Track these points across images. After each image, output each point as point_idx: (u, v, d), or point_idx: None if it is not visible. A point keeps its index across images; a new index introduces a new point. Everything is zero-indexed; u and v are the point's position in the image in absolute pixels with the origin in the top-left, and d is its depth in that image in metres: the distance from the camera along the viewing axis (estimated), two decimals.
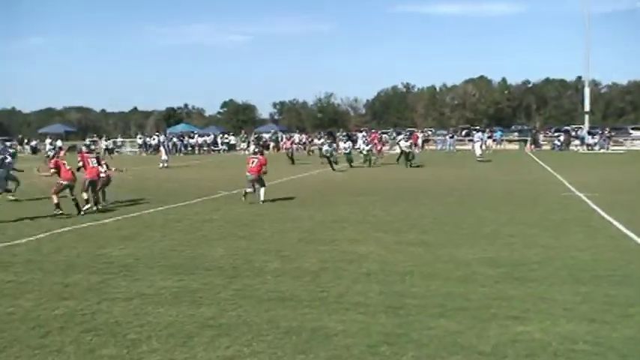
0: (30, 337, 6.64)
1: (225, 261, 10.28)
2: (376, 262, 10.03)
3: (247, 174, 18.56)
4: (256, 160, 18.61)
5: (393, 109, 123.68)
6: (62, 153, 18.74)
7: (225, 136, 70.05)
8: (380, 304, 7.76)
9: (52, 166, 16.71)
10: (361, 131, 65.07)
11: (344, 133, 60.26)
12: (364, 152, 36.02)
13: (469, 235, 12.56)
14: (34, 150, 69.68)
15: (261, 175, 18.54)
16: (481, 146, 41.79)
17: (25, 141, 75.55)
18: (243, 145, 62.19)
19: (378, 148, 39.84)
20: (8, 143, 49.99)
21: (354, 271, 9.51)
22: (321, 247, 11.40)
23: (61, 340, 6.56)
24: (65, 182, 16.27)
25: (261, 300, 7.97)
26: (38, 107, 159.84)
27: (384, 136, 58.99)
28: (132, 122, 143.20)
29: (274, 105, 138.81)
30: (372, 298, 8.03)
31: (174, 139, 64.57)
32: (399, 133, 54.76)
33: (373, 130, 68.80)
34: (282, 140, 62.99)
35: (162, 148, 41.86)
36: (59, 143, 53.71)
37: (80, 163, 17.68)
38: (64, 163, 16.53)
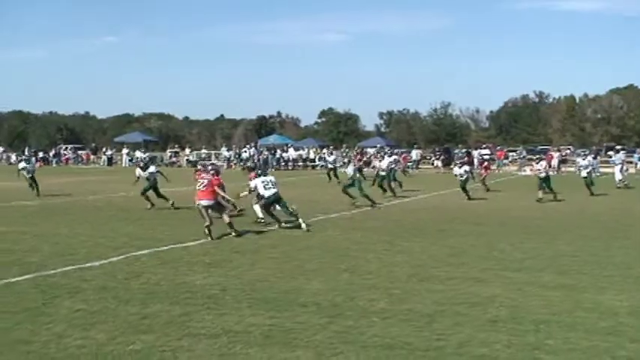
0: None
1: (324, 297, 10.27)
2: (504, 307, 9.78)
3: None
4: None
5: (522, 123, 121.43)
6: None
7: (324, 150, 70.14)
8: (509, 358, 7.55)
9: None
10: (483, 148, 64.35)
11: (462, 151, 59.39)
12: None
13: (616, 277, 12.09)
14: (110, 161, 72.07)
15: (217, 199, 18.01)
16: (621, 170, 40.29)
17: (104, 150, 78.04)
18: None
19: (483, 170, 38.52)
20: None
21: (477, 316, 9.30)
22: (436, 285, 11.23)
23: None
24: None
25: (366, 346, 7.90)
26: (114, 113, 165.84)
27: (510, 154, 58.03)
28: (218, 132, 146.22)
29: (380, 115, 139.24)
30: (498, 350, 7.81)
31: (265, 152, 65.36)
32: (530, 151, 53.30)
33: (499, 148, 67.87)
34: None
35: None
36: (139, 154, 55.39)
37: None
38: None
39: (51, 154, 79.15)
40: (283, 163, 64.45)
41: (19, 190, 29.06)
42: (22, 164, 29.94)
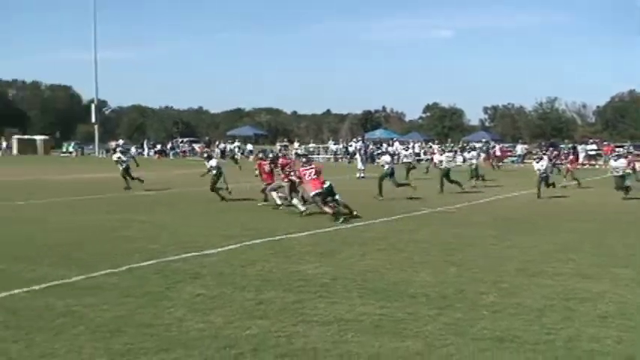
0: (221, 358, 6.95)
1: (433, 289, 10.20)
2: (613, 304, 9.50)
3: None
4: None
5: (629, 118, 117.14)
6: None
7: (429, 144, 69.65)
8: (618, 353, 7.34)
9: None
10: (589, 143, 62.54)
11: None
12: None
13: None
14: (223, 153, 73.49)
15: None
16: None
17: (217, 143, 79.83)
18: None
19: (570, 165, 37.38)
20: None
21: (587, 312, 9.06)
22: (545, 280, 10.99)
23: None
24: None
25: (476, 338, 7.81)
26: (226, 108, 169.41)
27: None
28: (325, 126, 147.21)
29: (485, 110, 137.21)
30: (609, 345, 7.60)
31: (371, 146, 65.34)
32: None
33: (606, 143, 65.84)
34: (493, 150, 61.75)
35: (358, 156, 42.61)
36: (250, 147, 56.36)
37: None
38: None
39: (168, 146, 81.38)
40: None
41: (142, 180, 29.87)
42: (118, 155, 29.18)
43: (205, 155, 26.67)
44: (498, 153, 60.95)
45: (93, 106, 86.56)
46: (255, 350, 7.19)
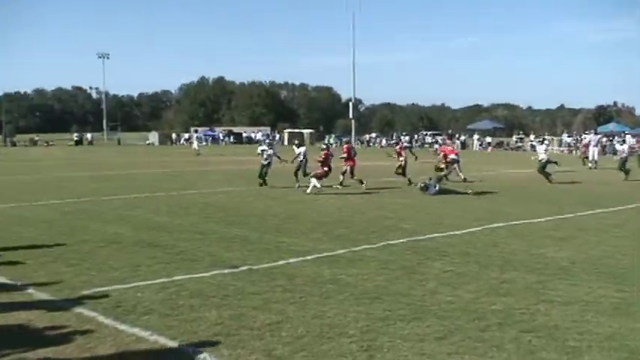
0: (469, 329, 6.85)
1: None
2: None
3: None
4: None
5: None
6: None
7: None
8: None
9: None
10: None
11: None
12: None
13: None
14: (463, 145, 73.07)
15: None
16: None
17: (457, 135, 79.80)
18: None
19: None
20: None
21: None
22: None
23: (500, 336, 6.64)
24: None
25: None
26: (466, 104, 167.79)
27: None
28: (558, 120, 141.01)
29: None
30: None
31: (604, 139, 61.57)
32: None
33: None
34: None
35: (591, 148, 40.30)
36: (489, 139, 55.30)
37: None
38: None
39: (413, 140, 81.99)
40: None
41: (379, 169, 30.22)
42: (263, 147, 25.16)
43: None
44: None
45: (350, 104, 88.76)
46: (500, 324, 7.01)
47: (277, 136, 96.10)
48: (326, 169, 21.56)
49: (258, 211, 16.44)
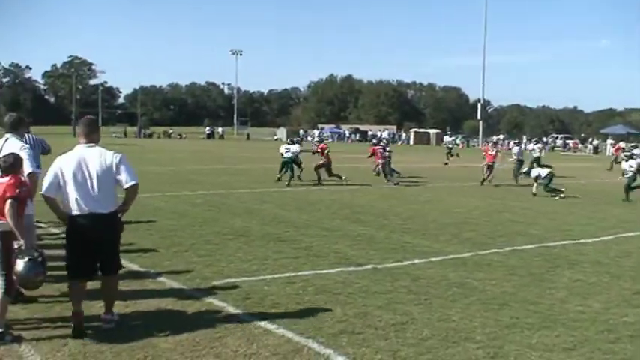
0: (599, 341, 6.60)
1: None
2: None
3: None
4: None
5: None
6: None
7: None
8: None
9: None
10: None
11: None
12: None
13: None
14: (596, 150, 70.08)
15: None
16: None
17: (590, 140, 76.80)
18: None
19: None
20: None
21: None
22: None
23: (631, 349, 6.37)
24: None
25: None
26: (599, 107, 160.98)
27: None
28: None
29: None
30: None
31: None
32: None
33: None
34: None
35: None
36: (622, 144, 52.61)
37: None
38: None
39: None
40: None
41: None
42: (286, 146, 26.10)
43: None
44: None
45: (479, 105, 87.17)
46: (632, 337, 6.74)
47: (403, 135, 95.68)
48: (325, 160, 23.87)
49: (382, 209, 16.48)
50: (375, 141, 28.58)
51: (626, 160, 21.85)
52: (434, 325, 6.92)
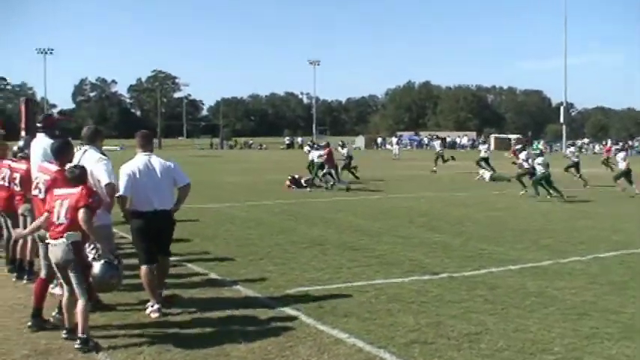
0: None
1: None
2: None
3: None
4: None
5: None
6: None
7: None
8: None
9: None
10: None
11: None
12: None
13: None
14: None
15: None
16: None
17: None
18: None
19: None
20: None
21: None
22: None
23: None
24: None
25: None
26: None
27: None
28: None
29: None
30: None
31: None
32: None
33: None
34: None
35: None
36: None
37: None
38: None
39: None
40: None
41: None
42: (307, 148, 29.51)
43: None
44: None
45: (562, 108, 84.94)
46: None
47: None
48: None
49: (458, 217, 16.21)
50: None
51: None
52: (509, 336, 6.71)
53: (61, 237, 6.31)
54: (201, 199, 18.04)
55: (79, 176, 6.60)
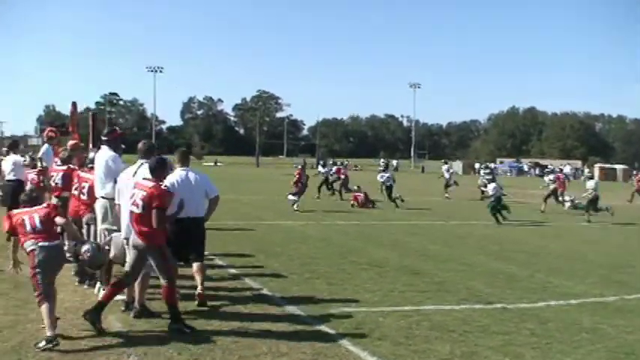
0: None
1: None
2: None
3: None
4: None
5: None
6: None
7: None
8: None
9: None
10: None
11: None
12: None
13: None
14: None
15: None
16: None
17: None
18: None
19: None
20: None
21: None
22: None
23: None
24: None
25: None
26: None
27: None
28: None
29: None
30: None
31: None
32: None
33: None
34: None
35: None
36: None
37: None
38: None
39: None
40: None
41: None
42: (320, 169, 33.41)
43: None
44: None
45: None
46: None
47: (586, 170, 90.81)
48: (300, 186, 23.65)
49: (534, 246, 15.72)
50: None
51: None
52: None
53: None
54: (278, 216, 18.25)
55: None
